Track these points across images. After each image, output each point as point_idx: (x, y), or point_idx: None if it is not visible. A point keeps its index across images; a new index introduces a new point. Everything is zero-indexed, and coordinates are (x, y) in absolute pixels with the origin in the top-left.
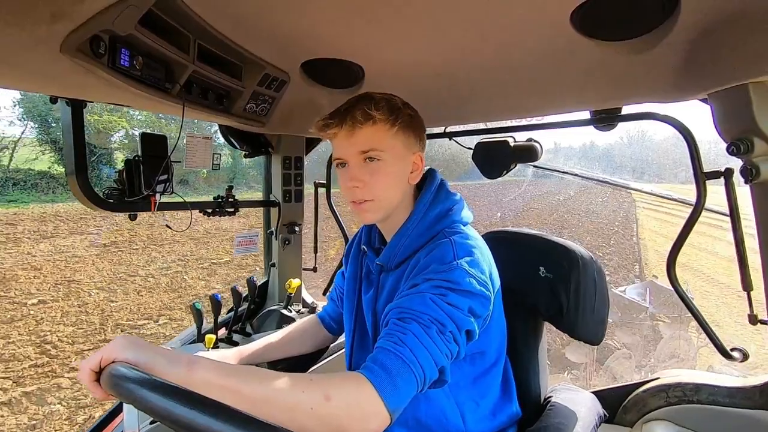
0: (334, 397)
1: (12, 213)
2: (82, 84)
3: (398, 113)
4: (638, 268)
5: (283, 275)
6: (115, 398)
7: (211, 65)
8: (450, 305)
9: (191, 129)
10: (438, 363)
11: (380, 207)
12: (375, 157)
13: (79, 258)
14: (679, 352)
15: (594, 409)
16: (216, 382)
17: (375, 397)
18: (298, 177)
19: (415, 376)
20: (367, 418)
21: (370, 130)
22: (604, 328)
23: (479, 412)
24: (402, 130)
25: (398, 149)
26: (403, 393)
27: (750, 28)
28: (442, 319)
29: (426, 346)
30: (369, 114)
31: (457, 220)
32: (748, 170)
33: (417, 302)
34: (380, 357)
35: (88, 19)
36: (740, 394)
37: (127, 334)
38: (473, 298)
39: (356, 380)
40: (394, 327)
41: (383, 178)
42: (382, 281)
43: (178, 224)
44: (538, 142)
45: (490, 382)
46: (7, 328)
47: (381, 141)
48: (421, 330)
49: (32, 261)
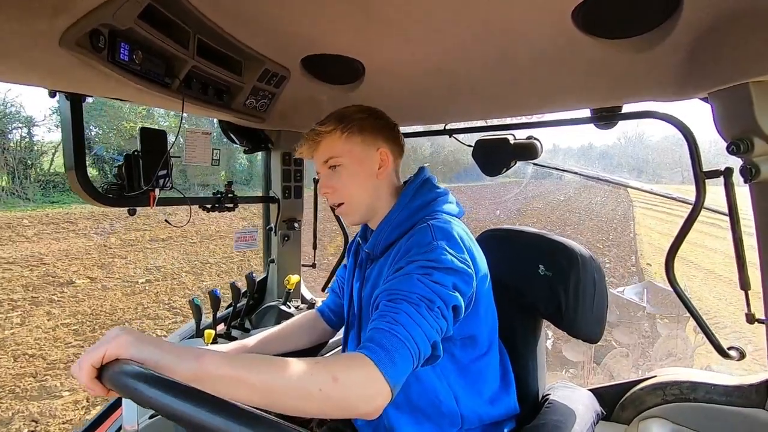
0: (341, 378)
1: (64, 213)
2: (81, 78)
3: (347, 120)
4: (634, 259)
5: (282, 271)
6: (114, 395)
7: (210, 60)
8: (435, 283)
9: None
10: (430, 338)
11: (354, 208)
12: (335, 164)
13: (150, 249)
14: (676, 351)
15: (591, 407)
16: (226, 374)
17: (377, 374)
18: (298, 173)
19: (411, 352)
20: (372, 393)
21: (324, 142)
22: (602, 326)
23: (475, 397)
24: (353, 132)
25: (356, 152)
26: (401, 368)
27: (751, 27)
28: (430, 296)
29: (418, 323)
30: (316, 131)
31: (438, 210)
32: (747, 170)
33: (405, 283)
34: (377, 336)
35: (88, 13)
36: (736, 392)
37: (126, 327)
38: (455, 274)
39: (359, 360)
40: (385, 308)
41: (347, 180)
42: (368, 272)
43: (200, 222)
44: (539, 140)
45: (485, 370)
46: (136, 298)
47: (334, 148)
48: (411, 308)
49: (114, 252)
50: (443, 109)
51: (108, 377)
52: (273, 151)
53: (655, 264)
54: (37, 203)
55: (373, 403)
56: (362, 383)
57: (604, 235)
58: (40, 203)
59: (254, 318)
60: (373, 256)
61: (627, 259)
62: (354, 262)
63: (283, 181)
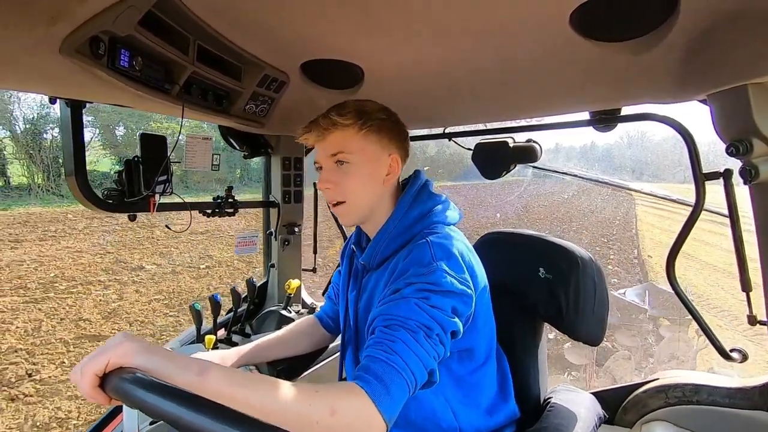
0: (338, 412)
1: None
2: (81, 85)
3: (367, 117)
4: (636, 252)
5: (282, 276)
6: (116, 402)
7: (210, 66)
8: (433, 308)
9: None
10: (427, 366)
11: (353, 209)
12: (343, 159)
13: (195, 241)
14: (678, 354)
15: (594, 410)
16: (226, 392)
17: (373, 408)
18: (298, 178)
19: (407, 382)
20: (368, 429)
21: (337, 134)
22: (603, 328)
23: (473, 410)
24: (372, 132)
25: (369, 151)
26: (396, 400)
27: (749, 28)
28: (428, 323)
29: (415, 352)
30: (332, 120)
31: (437, 221)
32: (747, 171)
33: (402, 308)
34: (373, 367)
35: (88, 20)
36: (739, 394)
37: (129, 333)
38: (455, 297)
39: (355, 392)
40: (381, 335)
41: (353, 179)
42: (365, 283)
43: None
44: (538, 143)
45: (483, 381)
46: (204, 281)
47: (348, 143)
48: (408, 336)
49: (165, 242)
50: (443, 112)
51: (113, 387)
52: (273, 156)
53: (655, 256)
54: (70, 200)
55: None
56: (358, 418)
57: (607, 230)
58: (73, 200)
59: (255, 323)
60: (368, 267)
61: (630, 251)
62: (348, 270)
63: (283, 186)
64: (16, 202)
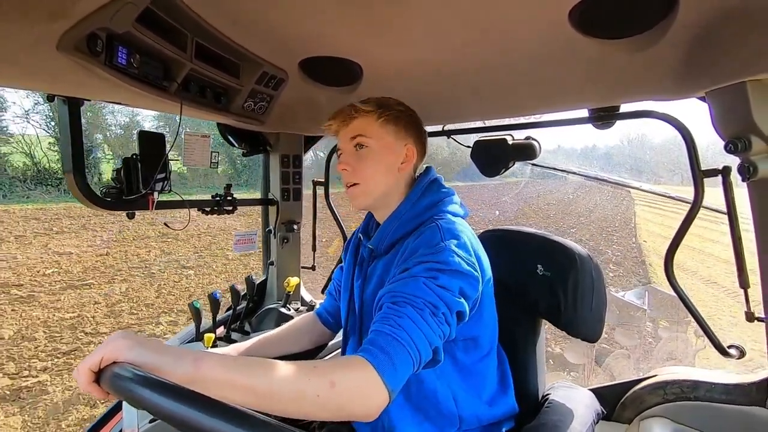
0: (338, 383)
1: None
2: (79, 82)
3: (386, 108)
4: (634, 240)
5: (281, 273)
6: (114, 398)
7: (208, 63)
8: (441, 287)
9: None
10: (432, 343)
11: (367, 192)
12: (362, 143)
13: (226, 233)
14: (677, 354)
15: (592, 407)
16: (223, 377)
17: (376, 378)
18: (297, 175)
19: (411, 357)
20: (370, 398)
21: (359, 120)
22: (601, 325)
23: (474, 399)
24: (389, 121)
25: (386, 139)
26: (400, 373)
27: (748, 26)
28: (435, 302)
29: (420, 328)
30: (356, 107)
31: (445, 211)
32: (745, 168)
33: (410, 286)
34: (378, 340)
35: (85, 17)
36: (737, 390)
37: (127, 332)
38: (462, 278)
39: (358, 363)
40: (388, 310)
41: (369, 164)
42: (371, 270)
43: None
44: (537, 140)
45: (485, 372)
46: (234, 266)
47: (367, 129)
48: (415, 312)
49: (202, 234)
50: (442, 110)
51: (104, 380)
52: (272, 154)
53: (650, 241)
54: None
55: (371, 407)
56: (360, 387)
57: (609, 223)
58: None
59: (254, 321)
60: (376, 254)
61: (629, 238)
62: (353, 260)
63: (282, 184)
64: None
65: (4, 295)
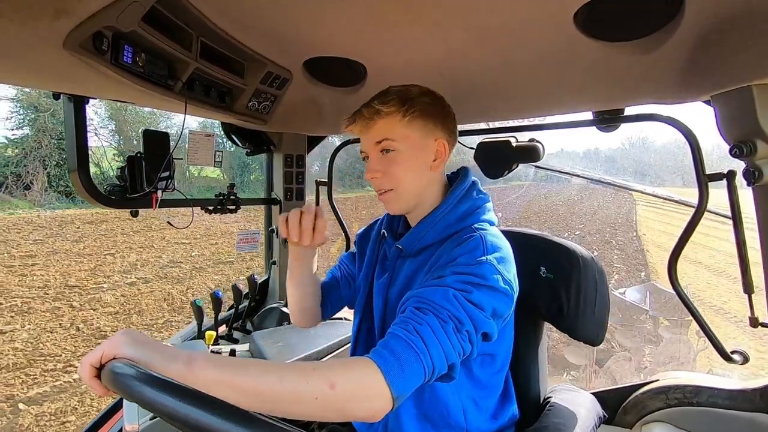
0: (338, 384)
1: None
2: (84, 80)
3: (411, 102)
4: (635, 236)
5: (284, 273)
6: (116, 394)
7: (213, 62)
8: (472, 304)
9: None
10: (449, 359)
11: (401, 197)
12: (388, 147)
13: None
14: (678, 355)
15: (593, 410)
16: (217, 378)
17: (380, 379)
18: (300, 175)
19: (424, 368)
20: (371, 399)
21: (381, 122)
22: (604, 329)
23: (482, 413)
24: (416, 118)
25: (413, 138)
26: (409, 381)
27: (754, 30)
28: (462, 318)
29: (440, 341)
30: (375, 108)
31: (484, 219)
32: (750, 172)
33: (439, 295)
34: (391, 342)
35: (91, 16)
36: (740, 396)
37: (130, 330)
38: (497, 296)
39: (363, 364)
40: (410, 315)
41: (399, 167)
42: (398, 266)
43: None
44: (540, 143)
45: (495, 385)
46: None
47: (392, 131)
48: (437, 324)
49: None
50: None
51: (103, 374)
52: (275, 153)
53: (648, 234)
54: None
55: (373, 410)
56: (362, 389)
57: (612, 220)
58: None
59: (256, 320)
60: (405, 254)
61: (629, 232)
62: (374, 256)
63: (285, 183)
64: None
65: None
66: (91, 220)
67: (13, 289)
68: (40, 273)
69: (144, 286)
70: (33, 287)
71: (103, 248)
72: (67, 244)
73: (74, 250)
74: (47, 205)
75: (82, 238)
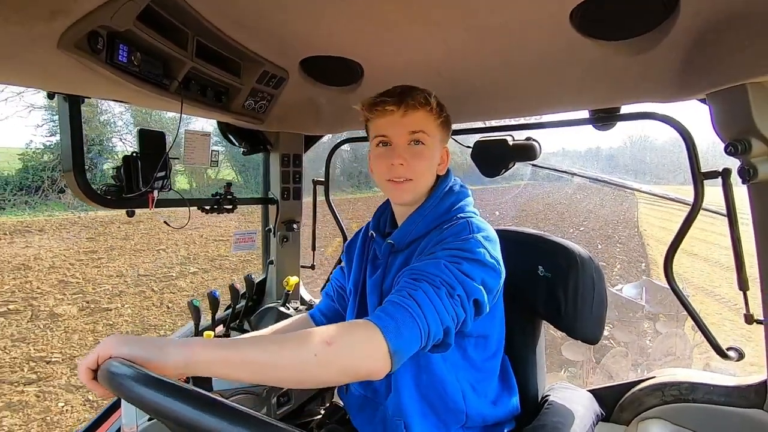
0: (336, 341)
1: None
2: (79, 80)
3: (442, 109)
4: (636, 231)
5: (281, 272)
6: (110, 395)
7: (209, 62)
8: (462, 273)
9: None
10: (444, 322)
11: (416, 188)
12: (420, 140)
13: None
14: (675, 350)
15: (591, 408)
16: (216, 357)
17: (378, 336)
18: (297, 175)
19: (420, 329)
20: (371, 357)
21: (423, 114)
22: (602, 327)
23: (481, 398)
24: (444, 123)
25: (437, 139)
26: (406, 339)
27: (749, 29)
28: (453, 283)
29: (433, 303)
30: (428, 100)
31: (470, 211)
32: (745, 170)
33: (431, 266)
34: (387, 307)
35: (86, 15)
36: (735, 393)
37: (117, 333)
38: (485, 269)
39: (361, 324)
40: (405, 283)
41: (424, 161)
42: (390, 262)
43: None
44: (537, 141)
45: (491, 371)
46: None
47: (428, 126)
48: (431, 289)
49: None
50: None
51: (99, 375)
52: (272, 153)
53: (649, 229)
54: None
55: (374, 366)
56: (360, 345)
57: (614, 217)
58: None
59: (253, 319)
60: (396, 249)
61: (631, 228)
62: (363, 257)
63: (282, 183)
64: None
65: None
66: (128, 220)
67: (96, 277)
68: (112, 265)
69: (205, 275)
70: (111, 276)
71: (152, 244)
72: (118, 241)
73: (127, 247)
74: (80, 207)
75: (128, 236)
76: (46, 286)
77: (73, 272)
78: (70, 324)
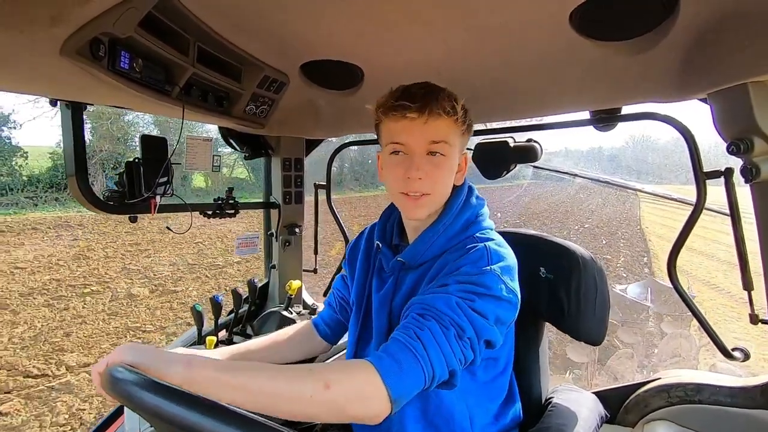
0: (333, 384)
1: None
2: (81, 86)
3: (465, 114)
4: (638, 229)
5: (283, 277)
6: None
7: (210, 67)
8: (475, 312)
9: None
10: (450, 365)
11: (434, 202)
12: (440, 151)
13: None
14: (680, 351)
15: (595, 410)
16: (215, 378)
17: (377, 381)
18: (298, 179)
19: (424, 372)
20: (369, 401)
21: (447, 123)
22: (605, 328)
23: (486, 416)
24: (466, 131)
25: (456, 149)
26: (408, 385)
27: (749, 28)
28: (463, 325)
29: (440, 345)
30: (455, 109)
31: (486, 227)
32: (748, 170)
33: (441, 302)
34: (391, 347)
35: (88, 22)
36: (742, 394)
37: (132, 342)
38: (500, 303)
39: (360, 365)
40: (412, 321)
41: (443, 173)
42: (401, 278)
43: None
44: (538, 143)
45: (499, 387)
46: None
47: (450, 135)
48: (439, 329)
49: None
50: None
51: (102, 378)
52: (273, 157)
53: (651, 227)
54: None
55: (371, 411)
56: (358, 390)
57: (618, 215)
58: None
59: (256, 324)
60: (407, 266)
61: (634, 225)
62: (369, 268)
63: (284, 187)
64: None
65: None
66: (156, 216)
67: (152, 266)
68: (160, 256)
69: (248, 264)
70: (164, 265)
71: (187, 237)
72: (156, 235)
73: (165, 240)
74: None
75: (163, 231)
76: (111, 272)
77: (130, 260)
78: (148, 303)
